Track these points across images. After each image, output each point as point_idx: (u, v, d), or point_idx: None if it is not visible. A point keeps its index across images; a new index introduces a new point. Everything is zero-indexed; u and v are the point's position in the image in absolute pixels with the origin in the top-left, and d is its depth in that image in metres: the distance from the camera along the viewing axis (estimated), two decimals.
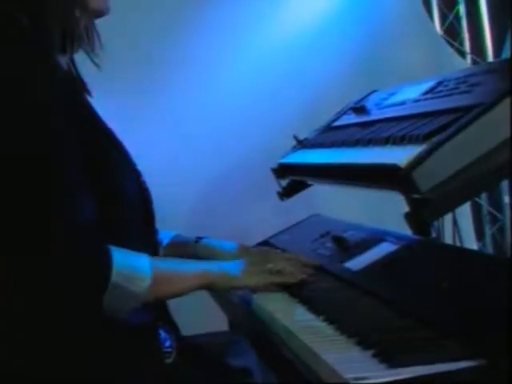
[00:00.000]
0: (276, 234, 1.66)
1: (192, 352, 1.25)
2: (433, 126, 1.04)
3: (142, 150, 1.25)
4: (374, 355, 0.81)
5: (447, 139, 0.97)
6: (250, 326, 1.21)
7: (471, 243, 2.07)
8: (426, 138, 1.01)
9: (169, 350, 1.18)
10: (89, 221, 0.99)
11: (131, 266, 1.01)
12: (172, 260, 1.15)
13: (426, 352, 0.81)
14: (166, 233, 1.38)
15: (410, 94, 1.32)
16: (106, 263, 0.98)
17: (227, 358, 1.34)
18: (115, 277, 0.98)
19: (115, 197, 1.07)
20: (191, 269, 1.13)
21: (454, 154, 0.96)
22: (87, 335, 1.01)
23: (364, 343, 0.85)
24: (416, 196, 0.95)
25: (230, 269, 1.17)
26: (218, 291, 1.28)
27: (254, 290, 1.18)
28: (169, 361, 1.16)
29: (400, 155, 1.00)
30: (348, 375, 0.75)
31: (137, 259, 1.03)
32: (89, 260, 0.98)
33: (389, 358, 0.79)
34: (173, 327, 1.24)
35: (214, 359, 1.29)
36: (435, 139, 0.99)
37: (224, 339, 1.74)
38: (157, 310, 1.13)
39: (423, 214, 0.96)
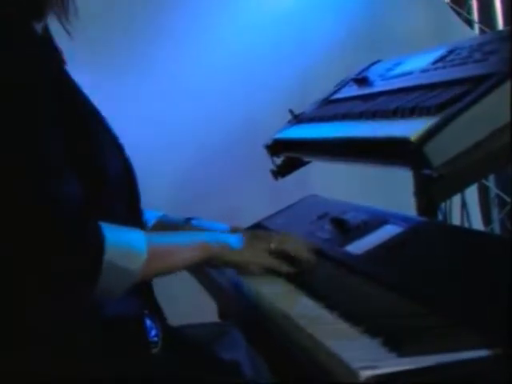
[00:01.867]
0: (269, 216, 1.65)
1: (179, 343, 1.25)
2: (445, 96, 1.04)
3: (125, 124, 1.24)
4: (383, 343, 0.81)
5: (461, 111, 0.97)
6: (241, 313, 1.21)
7: (478, 228, 2.08)
8: (438, 109, 1.01)
9: (154, 339, 1.18)
10: (75, 198, 0.99)
11: (125, 242, 1.00)
12: (168, 233, 1.14)
13: (438, 340, 0.81)
14: (152, 213, 1.37)
15: (417, 64, 1.32)
16: (98, 239, 0.97)
17: (216, 350, 1.35)
18: (109, 254, 0.97)
19: (96, 173, 1.07)
20: (189, 241, 1.13)
21: (468, 127, 0.96)
22: (71, 322, 1.01)
23: (371, 331, 0.85)
24: (427, 172, 0.95)
25: (231, 241, 1.16)
26: (209, 273, 1.27)
27: (248, 268, 1.17)
28: (154, 351, 1.16)
29: (410, 128, 0.99)
30: (356, 364, 0.75)
31: (130, 234, 1.03)
32: (79, 238, 0.97)
33: (399, 346, 0.78)
34: (159, 316, 1.23)
35: (201, 351, 1.30)
36: (448, 111, 0.98)
37: (213, 330, 1.74)
38: (142, 296, 1.13)
39: (434, 191, 0.96)
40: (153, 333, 1.18)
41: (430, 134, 0.95)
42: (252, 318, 1.12)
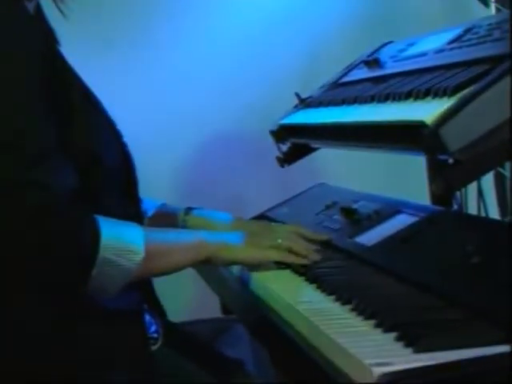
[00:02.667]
0: (274, 207, 1.64)
1: (180, 339, 1.25)
2: (462, 77, 1.02)
3: (123, 110, 1.23)
4: (398, 338, 0.80)
5: (480, 92, 0.95)
6: (246, 308, 1.20)
7: (496, 218, 2.08)
8: (454, 91, 0.99)
9: (154, 335, 1.19)
10: (67, 186, 0.98)
11: (122, 238, 0.99)
12: (166, 230, 1.14)
13: (456, 335, 0.80)
14: (150, 202, 1.36)
15: (432, 44, 1.30)
16: (93, 235, 0.96)
17: (218, 347, 1.35)
18: (104, 250, 0.96)
19: (92, 160, 1.06)
20: (188, 240, 1.12)
21: (487, 109, 0.95)
22: (65, 317, 1.01)
23: (385, 325, 0.84)
24: (443, 157, 0.94)
25: (231, 239, 1.15)
26: (213, 267, 1.26)
27: (257, 264, 1.17)
28: (154, 348, 1.17)
29: (425, 111, 0.98)
30: (368, 361, 0.74)
31: (128, 229, 1.02)
32: (72, 232, 0.96)
33: (415, 341, 0.77)
34: (159, 311, 1.23)
35: (204, 348, 1.30)
36: (466, 92, 0.97)
37: (215, 326, 1.74)
38: (140, 290, 1.12)
39: (450, 178, 0.95)
40: (152, 328, 1.18)
41: (446, 117, 0.94)
42: (258, 313, 1.11)
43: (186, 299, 2.16)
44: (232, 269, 1.26)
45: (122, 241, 0.99)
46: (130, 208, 1.16)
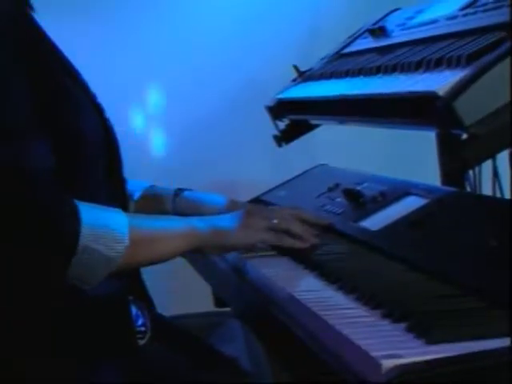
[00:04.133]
0: (270, 190, 1.65)
1: (170, 334, 1.25)
2: (477, 45, 1.02)
3: (105, 81, 1.22)
4: (408, 329, 0.80)
5: (496, 61, 0.95)
6: (242, 299, 1.20)
7: None
8: (469, 60, 0.99)
9: (142, 329, 1.18)
10: (44, 169, 0.97)
11: (104, 225, 0.99)
12: (153, 217, 1.13)
13: (471, 325, 0.80)
14: (137, 183, 1.36)
15: (442, 11, 1.30)
16: (73, 221, 0.96)
17: (211, 343, 1.34)
18: (85, 238, 0.96)
19: (71, 138, 1.05)
20: (176, 227, 1.11)
21: (505, 80, 0.94)
22: (43, 309, 1.01)
23: (394, 315, 0.83)
24: (457, 132, 0.93)
25: (224, 224, 1.15)
26: (206, 254, 1.26)
27: (250, 248, 1.16)
28: (142, 342, 1.16)
29: (437, 82, 0.98)
30: (376, 353, 0.73)
31: (111, 216, 1.02)
32: (49, 217, 0.95)
33: (427, 332, 0.77)
34: (146, 302, 1.23)
35: (195, 343, 1.30)
36: (481, 61, 0.97)
37: (208, 321, 1.74)
38: (126, 279, 1.12)
39: (465, 154, 0.94)
40: (140, 321, 1.18)
41: (460, 88, 0.93)
42: (255, 304, 1.11)
43: (174, 291, 2.16)
44: (227, 256, 1.25)
45: (103, 228, 0.99)
46: (113, 189, 1.15)
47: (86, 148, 1.08)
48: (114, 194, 1.14)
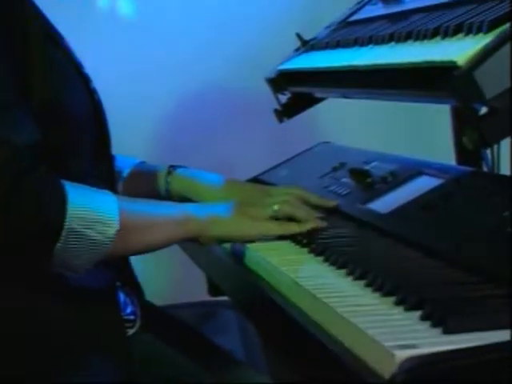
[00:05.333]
0: (270, 169, 1.65)
1: (160, 323, 1.26)
2: (500, 11, 1.02)
3: (93, 50, 1.22)
4: (423, 318, 0.80)
5: None
6: (240, 286, 1.20)
7: None
8: (491, 26, 0.99)
9: (131, 317, 1.19)
10: (29, 141, 0.97)
11: (92, 207, 0.99)
12: (146, 201, 1.13)
13: (491, 314, 0.80)
14: (126, 159, 1.36)
15: None
16: (59, 201, 0.96)
17: (204, 333, 1.35)
18: (71, 220, 0.96)
19: (54, 111, 1.06)
20: (172, 213, 1.11)
21: None
22: (24, 296, 1.01)
23: (408, 302, 0.83)
24: (477, 105, 0.93)
25: (223, 213, 1.14)
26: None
27: (251, 240, 1.16)
28: (131, 331, 1.17)
29: (456, 50, 0.98)
30: (389, 343, 0.73)
31: (100, 197, 1.02)
32: (34, 196, 0.95)
33: (444, 320, 0.77)
34: (135, 289, 1.23)
35: (187, 333, 1.31)
36: (504, 29, 0.96)
37: (200, 311, 1.75)
38: (115, 265, 1.12)
39: (484, 130, 0.94)
40: (128, 310, 1.19)
41: (481, 58, 0.93)
42: (254, 292, 1.11)
43: (165, 278, 2.17)
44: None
45: (92, 210, 0.99)
46: (101, 166, 1.15)
47: (71, 122, 1.08)
48: (102, 171, 1.15)
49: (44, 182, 0.97)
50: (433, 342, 0.74)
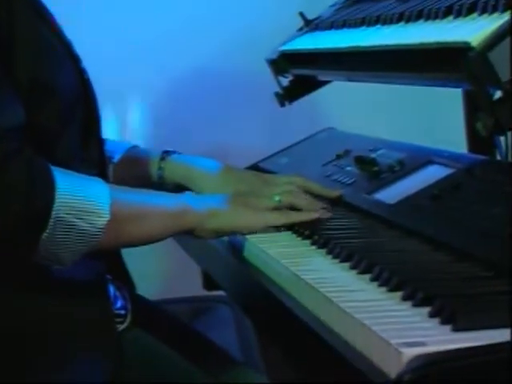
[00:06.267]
0: (270, 156, 1.65)
1: (153, 318, 1.27)
2: None
3: (82, 31, 1.22)
4: (432, 314, 0.80)
5: None
6: (237, 280, 1.21)
7: None
8: (507, 6, 0.99)
9: (121, 312, 1.19)
10: (13, 124, 0.97)
11: (82, 195, 0.99)
12: (140, 191, 1.13)
13: (503, 310, 0.79)
14: (117, 144, 1.36)
15: None
16: (46, 188, 0.96)
17: (198, 330, 1.36)
18: (59, 209, 0.96)
19: (42, 91, 1.05)
20: (167, 204, 1.11)
21: None
22: (9, 288, 1.01)
23: (416, 298, 0.84)
24: (492, 89, 0.94)
25: (222, 204, 1.14)
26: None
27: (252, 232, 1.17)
28: (121, 327, 1.17)
29: (470, 30, 0.98)
30: (396, 340, 0.73)
31: (90, 185, 1.02)
32: (18, 183, 0.95)
33: (453, 317, 0.77)
34: (126, 282, 1.23)
35: (180, 329, 1.31)
36: None
37: (195, 307, 1.76)
38: (106, 257, 1.12)
39: (498, 116, 0.94)
40: (118, 304, 1.20)
41: (497, 39, 0.94)
42: (252, 286, 1.11)
43: (158, 272, 2.17)
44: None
45: (82, 199, 0.98)
46: (90, 150, 1.15)
47: (59, 103, 1.08)
48: (92, 155, 1.15)
49: (30, 167, 0.96)
50: (442, 339, 0.74)
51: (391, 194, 1.21)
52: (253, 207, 1.16)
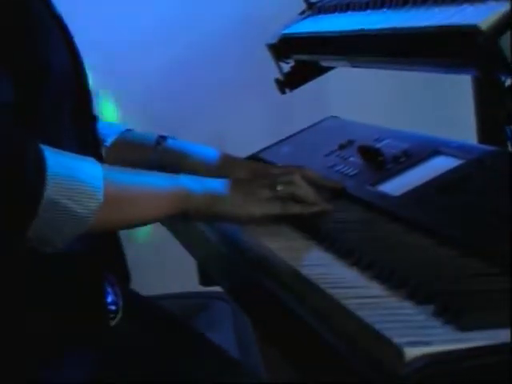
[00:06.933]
0: (271, 146, 1.65)
1: (146, 315, 1.27)
2: None
3: (76, 12, 1.22)
4: (436, 313, 0.80)
5: None
6: (235, 274, 1.21)
7: None
8: None
9: (112, 308, 1.19)
10: (5, 103, 0.98)
11: (74, 176, 0.99)
12: (134, 171, 1.13)
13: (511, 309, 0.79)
14: (111, 126, 1.37)
15: None
16: (36, 168, 0.96)
17: (195, 327, 1.36)
18: (50, 190, 0.96)
19: (33, 68, 1.06)
20: (163, 185, 1.11)
21: None
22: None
23: (419, 295, 0.84)
24: (502, 75, 0.94)
25: (221, 188, 1.14)
26: (189, 221, 1.26)
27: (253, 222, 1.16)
28: (111, 323, 1.17)
29: (479, 14, 0.98)
30: (399, 339, 0.73)
31: (82, 165, 1.02)
32: (7, 163, 0.95)
33: (459, 316, 0.77)
34: (122, 277, 1.23)
35: (175, 327, 1.32)
36: None
37: (191, 303, 1.76)
38: (105, 247, 1.13)
39: (510, 104, 0.94)
40: (110, 299, 1.20)
41: (506, 22, 0.93)
42: (251, 282, 1.11)
43: (153, 266, 2.18)
44: (218, 224, 1.26)
45: (74, 180, 0.99)
46: (82, 130, 1.16)
47: (51, 81, 1.08)
48: (83, 135, 1.15)
49: (21, 146, 0.97)
50: (447, 339, 0.74)
51: (396, 186, 1.21)
52: (252, 195, 1.16)
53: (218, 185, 1.15)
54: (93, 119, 1.21)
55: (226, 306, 1.77)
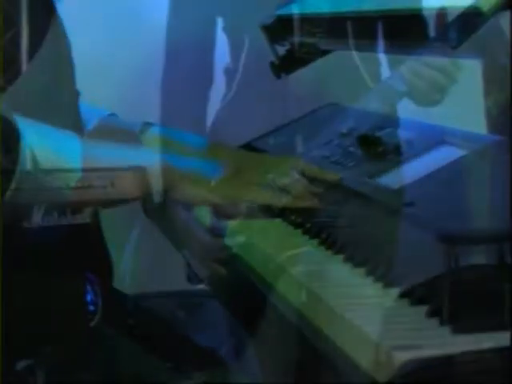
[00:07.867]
0: (265, 134, 1.66)
1: (128, 316, 1.28)
2: None
3: None
4: (431, 314, 0.80)
5: None
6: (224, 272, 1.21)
7: None
8: None
9: (90, 308, 1.20)
10: None
11: (52, 148, 1.01)
12: (117, 145, 1.14)
13: (509, 311, 0.79)
14: (93, 110, 1.37)
15: None
16: (11, 140, 0.97)
17: (183, 328, 1.37)
18: (25, 163, 0.97)
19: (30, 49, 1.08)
20: (145, 160, 1.11)
21: None
22: None
23: (413, 295, 0.84)
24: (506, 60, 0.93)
25: (209, 168, 1.15)
26: (175, 216, 1.26)
27: (238, 209, 1.17)
28: (90, 324, 1.18)
29: None
30: (389, 342, 0.74)
31: (61, 138, 1.04)
32: None
33: (454, 318, 0.78)
34: (102, 272, 1.23)
35: (162, 329, 1.35)
36: None
37: (180, 302, 1.77)
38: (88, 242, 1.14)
39: None
40: (88, 297, 1.19)
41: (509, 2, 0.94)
42: (237, 279, 1.13)
43: (138, 261, 2.18)
44: (202, 218, 1.26)
45: (51, 151, 1.00)
46: (62, 114, 1.15)
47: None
48: (63, 120, 1.14)
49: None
50: (440, 342, 0.74)
51: (396, 178, 1.22)
52: (244, 179, 1.16)
53: (205, 166, 1.17)
54: (75, 92, 1.22)
55: (218, 305, 1.78)
